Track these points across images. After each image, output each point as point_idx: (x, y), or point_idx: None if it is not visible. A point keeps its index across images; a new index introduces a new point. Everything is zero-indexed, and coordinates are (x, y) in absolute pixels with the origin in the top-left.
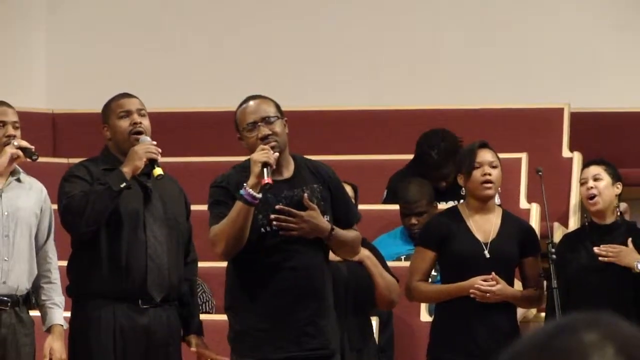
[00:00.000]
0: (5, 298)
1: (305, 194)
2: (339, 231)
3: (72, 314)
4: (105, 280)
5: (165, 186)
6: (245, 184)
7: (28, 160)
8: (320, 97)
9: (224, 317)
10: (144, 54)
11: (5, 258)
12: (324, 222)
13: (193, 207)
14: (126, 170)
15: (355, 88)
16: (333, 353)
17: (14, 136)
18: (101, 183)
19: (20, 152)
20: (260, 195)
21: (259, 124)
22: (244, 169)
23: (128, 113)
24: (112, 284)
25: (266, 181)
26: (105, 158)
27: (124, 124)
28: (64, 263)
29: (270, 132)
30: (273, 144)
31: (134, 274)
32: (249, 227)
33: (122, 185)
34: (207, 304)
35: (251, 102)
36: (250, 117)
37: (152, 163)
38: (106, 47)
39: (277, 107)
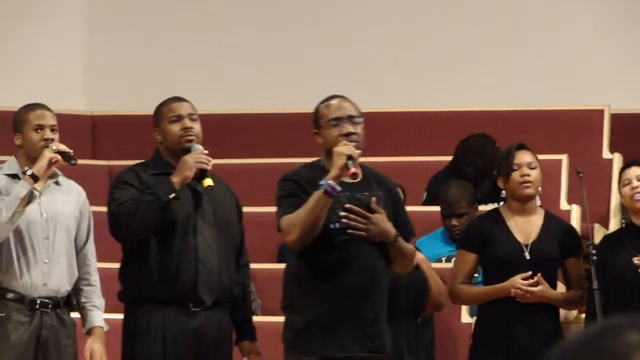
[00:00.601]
0: (47, 300)
1: (374, 198)
2: (402, 240)
3: (124, 319)
4: (156, 284)
5: (216, 189)
6: (326, 177)
7: (66, 164)
8: (361, 98)
9: (269, 318)
10: (184, 55)
11: (46, 260)
12: (391, 227)
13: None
14: (176, 180)
15: (395, 90)
16: (387, 357)
17: (52, 140)
18: (151, 193)
19: (58, 156)
20: (340, 188)
21: (344, 120)
22: (314, 167)
23: (179, 117)
24: (163, 288)
25: (353, 171)
26: (155, 162)
27: (175, 128)
28: (116, 265)
29: (354, 131)
30: (354, 143)
31: (184, 278)
32: (323, 219)
33: (170, 196)
34: (253, 303)
35: (336, 99)
36: (336, 113)
37: (202, 173)
38: (146, 47)
39: (360, 111)
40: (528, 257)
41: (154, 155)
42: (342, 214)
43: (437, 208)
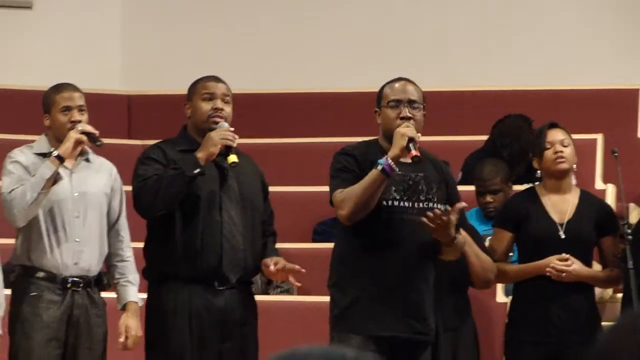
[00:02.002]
0: (77, 279)
1: (448, 207)
2: (460, 238)
3: (148, 296)
4: (181, 262)
5: (242, 167)
6: (386, 156)
7: (92, 145)
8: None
9: (304, 298)
10: (220, 35)
11: (77, 239)
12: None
13: (271, 188)
14: (200, 156)
15: (428, 69)
16: (431, 340)
17: (79, 121)
18: (175, 168)
19: (84, 137)
20: (397, 169)
21: (404, 104)
22: (371, 145)
23: (212, 96)
24: (188, 265)
25: (414, 153)
26: (182, 139)
27: (206, 106)
28: (140, 244)
29: (411, 116)
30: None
31: (209, 256)
32: (377, 197)
33: (195, 172)
34: (286, 282)
35: (401, 82)
36: (397, 95)
37: (227, 150)
38: (182, 27)
39: (423, 97)
40: (563, 236)
41: (181, 131)
42: (424, 220)
43: (472, 188)
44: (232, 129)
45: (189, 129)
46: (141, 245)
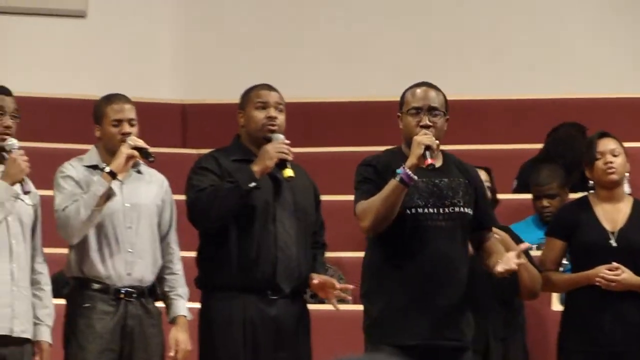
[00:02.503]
0: (131, 289)
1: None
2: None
3: (201, 306)
4: (235, 271)
5: (295, 178)
6: (403, 165)
7: (144, 160)
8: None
9: (358, 307)
10: (274, 44)
11: (129, 250)
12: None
13: (325, 197)
14: (256, 169)
15: (483, 77)
16: (466, 346)
17: (130, 134)
18: (230, 181)
19: (136, 153)
20: (416, 178)
21: (423, 111)
22: (393, 153)
23: (265, 105)
24: (242, 275)
25: (429, 162)
26: (235, 148)
27: (260, 115)
28: (192, 254)
29: (430, 124)
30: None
31: (263, 266)
32: (398, 207)
33: (251, 185)
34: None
35: (423, 88)
36: (417, 102)
37: (283, 163)
38: (237, 36)
39: (446, 102)
40: (614, 244)
41: (234, 140)
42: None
43: (528, 196)
44: (288, 141)
45: (242, 137)
46: (193, 254)
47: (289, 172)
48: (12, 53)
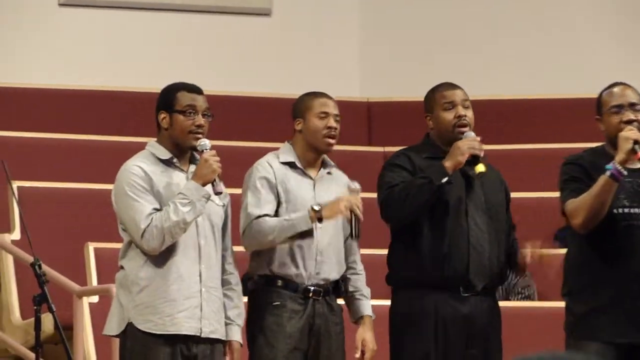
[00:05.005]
0: (319, 288)
1: None
2: None
3: (392, 303)
4: (427, 268)
5: (486, 175)
6: (613, 161)
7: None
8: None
9: (547, 304)
10: (457, 40)
11: (319, 249)
12: None
13: (512, 194)
14: (448, 165)
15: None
16: None
17: (335, 128)
18: (423, 176)
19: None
20: (626, 172)
21: (625, 108)
22: (596, 152)
23: (452, 104)
24: (434, 272)
25: None
26: (426, 146)
27: (449, 116)
28: (381, 251)
29: (635, 118)
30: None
31: (455, 262)
32: (609, 203)
33: (443, 180)
34: (528, 288)
35: (620, 86)
36: (617, 100)
37: (474, 158)
38: (420, 33)
39: None
40: None
41: (424, 139)
42: None
43: None
44: (479, 138)
45: (432, 138)
46: (382, 252)
47: (480, 168)
48: (199, 51)
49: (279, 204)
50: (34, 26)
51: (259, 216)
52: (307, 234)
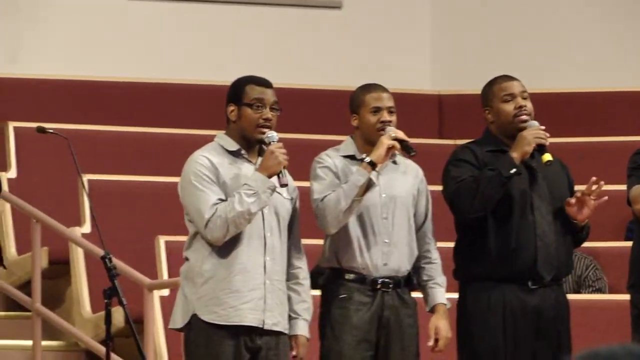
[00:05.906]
0: (388, 280)
1: None
2: None
3: (459, 297)
4: (494, 261)
5: (549, 166)
6: None
7: (404, 153)
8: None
9: (614, 296)
10: (523, 34)
11: (386, 240)
12: None
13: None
14: (515, 155)
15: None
16: None
17: (389, 122)
18: (491, 169)
19: (396, 144)
20: None
21: None
22: None
23: (512, 96)
24: (501, 265)
25: None
26: (488, 140)
27: (509, 107)
28: (447, 244)
29: None
30: None
31: (523, 255)
32: None
33: (512, 172)
34: (599, 281)
35: None
36: None
37: (540, 148)
38: (490, 26)
39: None
40: None
41: (485, 132)
42: None
43: None
44: (543, 127)
45: (492, 131)
46: (449, 245)
47: (548, 157)
48: (269, 44)
49: None
50: (104, 19)
51: (326, 196)
52: (370, 185)
